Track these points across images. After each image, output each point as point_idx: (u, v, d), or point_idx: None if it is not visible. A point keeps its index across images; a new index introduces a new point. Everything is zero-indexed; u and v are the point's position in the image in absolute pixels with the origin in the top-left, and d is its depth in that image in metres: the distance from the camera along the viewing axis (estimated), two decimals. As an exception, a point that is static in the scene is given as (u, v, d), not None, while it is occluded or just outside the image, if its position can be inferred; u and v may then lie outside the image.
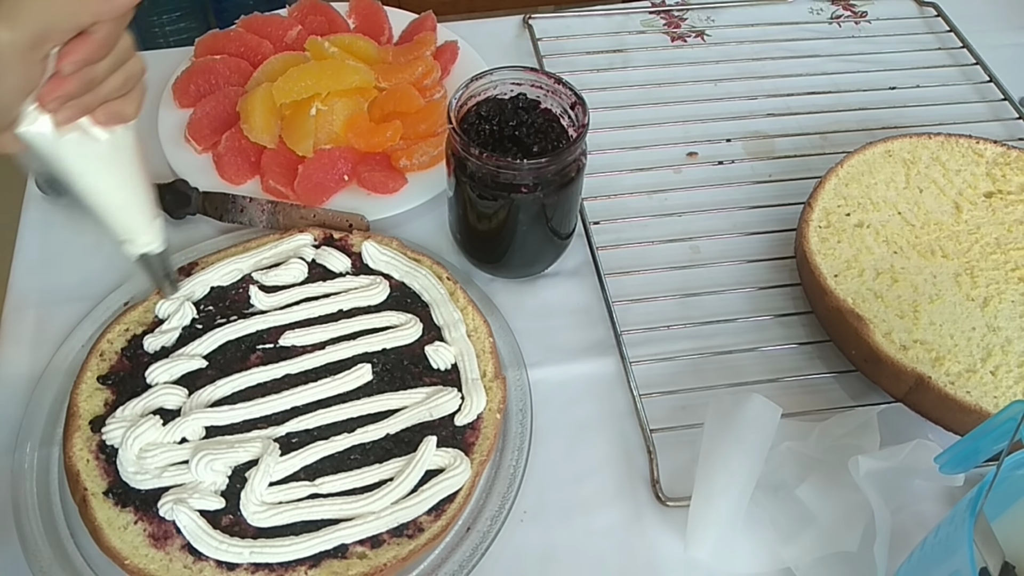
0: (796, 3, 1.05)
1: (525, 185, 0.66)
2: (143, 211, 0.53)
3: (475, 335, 0.68)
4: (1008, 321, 0.67)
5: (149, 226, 0.54)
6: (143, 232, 0.53)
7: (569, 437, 0.66)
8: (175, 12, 1.46)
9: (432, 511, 0.59)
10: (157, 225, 0.54)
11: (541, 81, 0.70)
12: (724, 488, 0.58)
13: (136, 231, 0.53)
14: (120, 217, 0.52)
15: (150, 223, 0.54)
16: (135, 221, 0.53)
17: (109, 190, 0.51)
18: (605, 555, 0.61)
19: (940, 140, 0.80)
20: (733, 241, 0.79)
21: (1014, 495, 0.48)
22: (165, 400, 0.62)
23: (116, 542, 0.56)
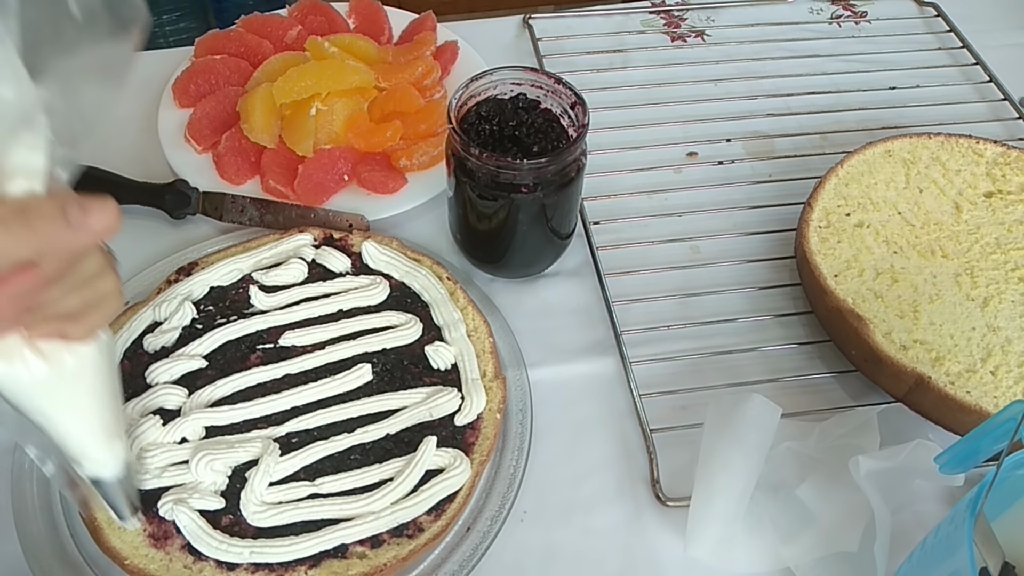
0: (796, 3, 1.05)
1: (525, 185, 0.66)
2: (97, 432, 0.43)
3: (475, 335, 0.68)
4: (1008, 321, 0.67)
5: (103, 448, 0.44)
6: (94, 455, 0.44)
7: (569, 437, 0.66)
8: (175, 12, 1.46)
9: (432, 511, 0.59)
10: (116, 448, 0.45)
11: (541, 81, 0.70)
12: (724, 488, 0.58)
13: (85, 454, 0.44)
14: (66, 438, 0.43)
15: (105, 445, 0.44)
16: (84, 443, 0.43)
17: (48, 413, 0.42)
18: (605, 555, 0.61)
19: (940, 140, 0.80)
20: (733, 241, 0.79)
21: (1014, 495, 0.48)
22: (165, 400, 0.62)
23: (116, 542, 0.56)
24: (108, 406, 0.43)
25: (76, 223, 0.38)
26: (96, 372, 0.42)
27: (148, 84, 0.88)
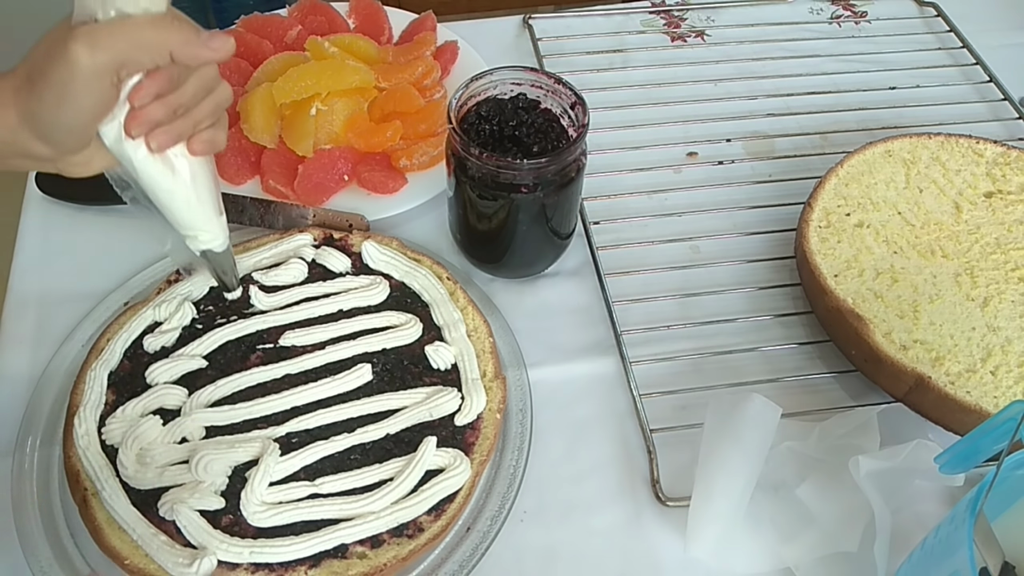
0: (796, 3, 1.05)
1: (525, 185, 0.66)
2: (209, 211, 0.55)
3: (475, 335, 0.68)
4: (1008, 321, 0.67)
5: (213, 224, 0.56)
6: (207, 230, 0.56)
7: (569, 437, 0.66)
8: (175, 12, 1.45)
9: (432, 511, 0.59)
10: (221, 223, 0.57)
11: (541, 81, 0.70)
12: (724, 488, 0.58)
13: (201, 228, 0.56)
14: (187, 217, 0.55)
15: (215, 222, 0.56)
16: (200, 220, 0.55)
17: (183, 199, 0.54)
18: (605, 555, 0.61)
19: (940, 140, 0.80)
20: (733, 241, 0.79)
21: (1014, 495, 0.48)
22: (165, 400, 0.62)
23: (116, 542, 0.56)
24: (216, 193, 0.55)
25: (205, 40, 0.48)
26: (209, 169, 0.54)
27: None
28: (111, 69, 0.46)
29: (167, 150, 0.52)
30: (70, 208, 0.79)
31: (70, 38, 0.44)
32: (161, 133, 0.50)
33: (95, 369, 0.64)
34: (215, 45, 0.49)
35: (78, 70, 0.44)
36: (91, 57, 0.45)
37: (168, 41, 0.47)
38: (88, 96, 0.46)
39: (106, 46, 0.45)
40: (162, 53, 0.47)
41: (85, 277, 0.74)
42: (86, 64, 0.44)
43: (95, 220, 0.79)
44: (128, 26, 0.46)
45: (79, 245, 0.77)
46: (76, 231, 0.78)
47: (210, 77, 0.52)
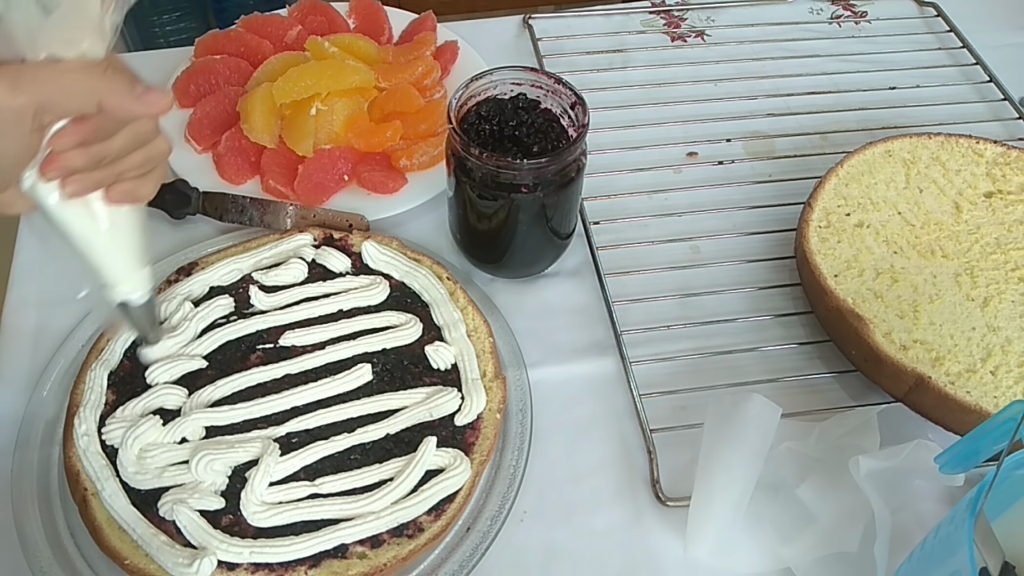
0: (796, 3, 1.05)
1: (525, 185, 0.66)
2: (128, 262, 0.52)
3: (475, 335, 0.68)
4: (1008, 321, 0.67)
5: (133, 276, 0.52)
6: (124, 281, 0.52)
7: (569, 437, 0.66)
8: (175, 12, 1.46)
9: (432, 511, 0.59)
10: (142, 276, 0.53)
11: (541, 81, 0.70)
12: (724, 488, 0.58)
13: (118, 280, 0.52)
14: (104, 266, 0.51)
15: (134, 274, 0.52)
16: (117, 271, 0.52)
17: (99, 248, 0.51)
18: (605, 555, 0.61)
19: (940, 140, 0.80)
20: (733, 241, 0.79)
21: (1014, 495, 0.48)
22: (165, 400, 0.62)
23: (116, 542, 0.56)
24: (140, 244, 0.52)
25: (139, 94, 0.46)
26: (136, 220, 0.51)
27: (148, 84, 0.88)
28: (31, 112, 0.43)
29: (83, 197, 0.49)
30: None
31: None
32: (76, 181, 0.47)
33: (95, 369, 0.64)
34: (149, 100, 0.46)
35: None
36: (11, 98, 0.42)
37: (97, 90, 0.44)
38: (8, 141, 0.44)
39: (28, 89, 0.42)
40: (89, 101, 0.44)
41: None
42: (5, 105, 0.42)
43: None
44: (55, 70, 0.43)
45: (79, 245, 0.77)
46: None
47: (146, 130, 0.48)
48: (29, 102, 0.43)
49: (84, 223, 0.49)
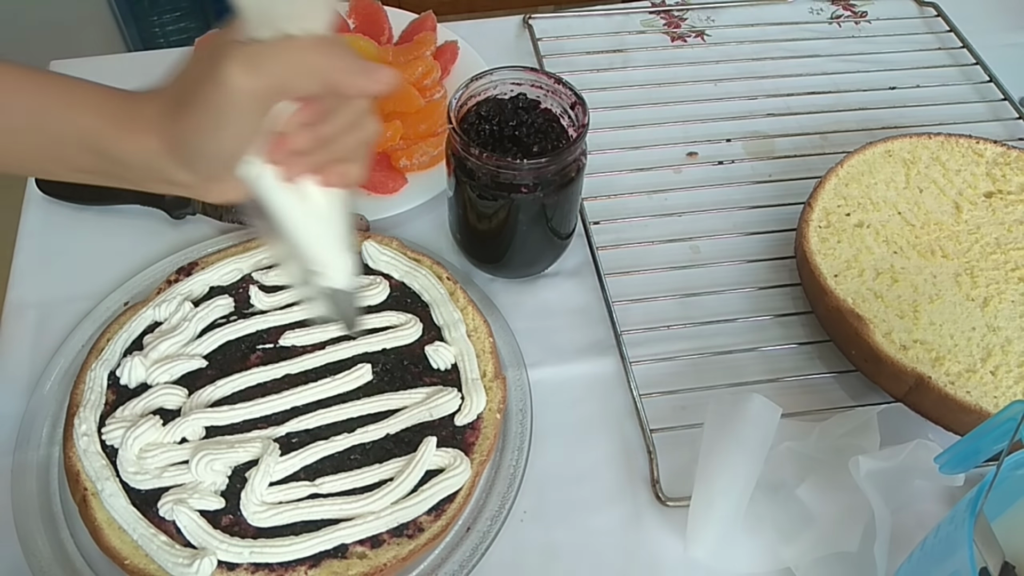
0: (796, 3, 1.05)
1: (525, 185, 0.66)
2: (338, 246, 0.52)
3: (475, 335, 0.68)
4: (1008, 321, 0.67)
5: (341, 261, 0.52)
6: (333, 265, 0.52)
7: (569, 437, 0.66)
8: (175, 12, 1.46)
9: (432, 511, 0.59)
10: (348, 261, 0.52)
11: (541, 81, 0.70)
12: (724, 488, 0.58)
13: (327, 264, 0.52)
14: (314, 250, 0.51)
15: (342, 258, 0.52)
16: (328, 255, 0.52)
17: (312, 233, 0.50)
18: (605, 555, 0.61)
19: (940, 140, 0.80)
20: (733, 241, 0.79)
21: (1014, 495, 0.48)
22: (165, 400, 0.62)
23: (116, 542, 0.56)
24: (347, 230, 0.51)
25: (368, 70, 0.43)
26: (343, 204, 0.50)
27: (148, 84, 0.88)
28: (270, 95, 0.41)
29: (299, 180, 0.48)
30: (70, 208, 0.79)
31: (226, 58, 0.40)
32: (297, 163, 0.46)
33: (95, 369, 0.64)
34: (379, 77, 0.44)
35: (235, 95, 0.40)
36: (250, 81, 0.40)
37: (332, 67, 0.42)
38: (243, 123, 0.42)
39: (267, 70, 0.40)
40: (322, 81, 0.42)
41: (85, 277, 0.74)
42: (245, 88, 0.40)
43: (95, 220, 0.79)
44: (291, 48, 0.41)
45: (79, 245, 0.77)
46: (76, 231, 0.78)
47: (361, 111, 0.47)
48: (267, 84, 0.41)
49: (297, 207, 0.48)
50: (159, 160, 0.44)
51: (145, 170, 0.45)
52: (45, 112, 0.44)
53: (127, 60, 1.02)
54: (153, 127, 0.43)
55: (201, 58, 0.42)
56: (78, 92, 0.44)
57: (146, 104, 0.44)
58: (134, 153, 0.44)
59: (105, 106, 0.44)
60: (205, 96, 0.41)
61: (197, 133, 0.42)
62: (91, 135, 0.44)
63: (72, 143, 0.44)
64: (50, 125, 0.44)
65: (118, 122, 0.44)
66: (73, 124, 0.44)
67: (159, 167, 0.44)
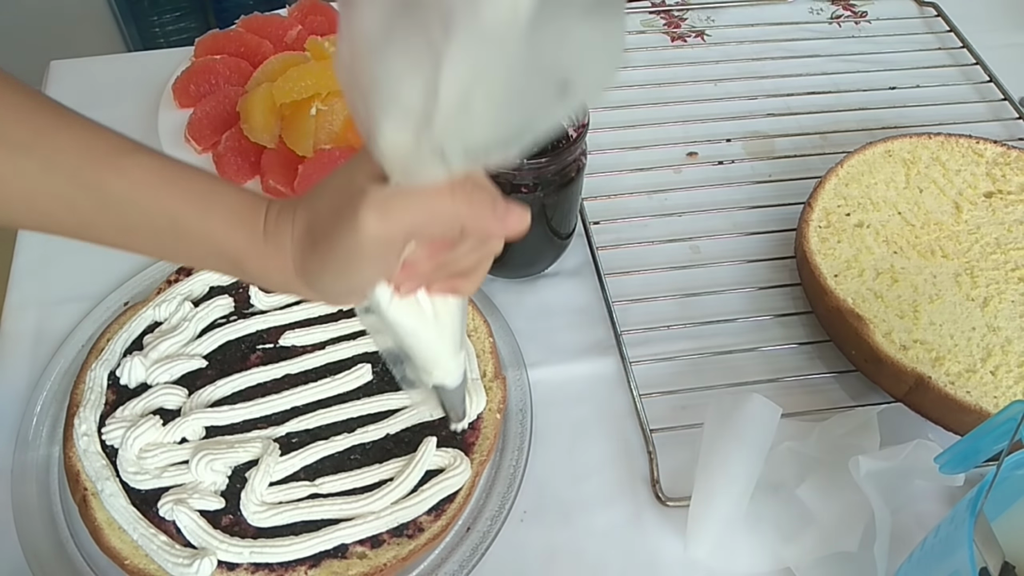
0: (796, 3, 1.05)
1: (525, 185, 0.66)
2: (449, 350, 0.52)
3: (475, 335, 0.68)
4: (1008, 321, 0.67)
5: (451, 362, 0.52)
6: (442, 367, 0.52)
7: (569, 437, 0.66)
8: (175, 12, 1.46)
9: (432, 511, 0.59)
10: (459, 361, 0.53)
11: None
12: (724, 488, 0.58)
13: (437, 366, 0.52)
14: (425, 355, 0.51)
15: (452, 360, 0.52)
16: (438, 358, 0.52)
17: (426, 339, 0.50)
18: (605, 555, 0.61)
19: (940, 140, 0.80)
20: (733, 241, 0.79)
21: (1014, 495, 0.48)
22: (165, 400, 0.62)
23: (116, 542, 0.56)
24: (460, 333, 0.51)
25: (500, 215, 0.43)
26: (460, 313, 0.50)
27: (148, 84, 0.88)
28: (401, 241, 0.41)
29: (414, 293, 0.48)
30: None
31: (361, 205, 0.39)
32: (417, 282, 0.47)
33: (95, 369, 0.64)
34: (511, 223, 0.44)
35: (367, 241, 0.40)
36: (383, 228, 0.40)
37: (462, 215, 0.42)
38: (374, 267, 0.42)
39: (398, 218, 0.40)
40: (455, 226, 0.42)
41: (85, 277, 0.74)
42: (376, 235, 0.40)
43: (95, 220, 0.79)
44: (424, 196, 0.40)
45: (79, 245, 0.76)
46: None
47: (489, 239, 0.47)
48: (399, 231, 0.41)
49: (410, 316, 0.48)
50: (291, 283, 0.45)
51: (276, 286, 0.46)
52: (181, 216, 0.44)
53: (127, 60, 1.02)
54: (289, 255, 0.44)
55: (341, 196, 0.42)
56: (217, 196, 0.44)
57: (284, 228, 0.44)
58: (270, 274, 0.45)
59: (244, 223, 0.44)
60: (340, 239, 0.41)
61: (329, 273, 0.43)
62: (228, 249, 0.44)
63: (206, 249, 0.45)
64: (185, 229, 0.44)
65: (255, 244, 0.44)
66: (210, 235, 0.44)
67: (290, 287, 0.45)
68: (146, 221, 0.44)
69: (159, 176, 0.43)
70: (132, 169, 0.43)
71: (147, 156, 0.44)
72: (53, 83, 0.91)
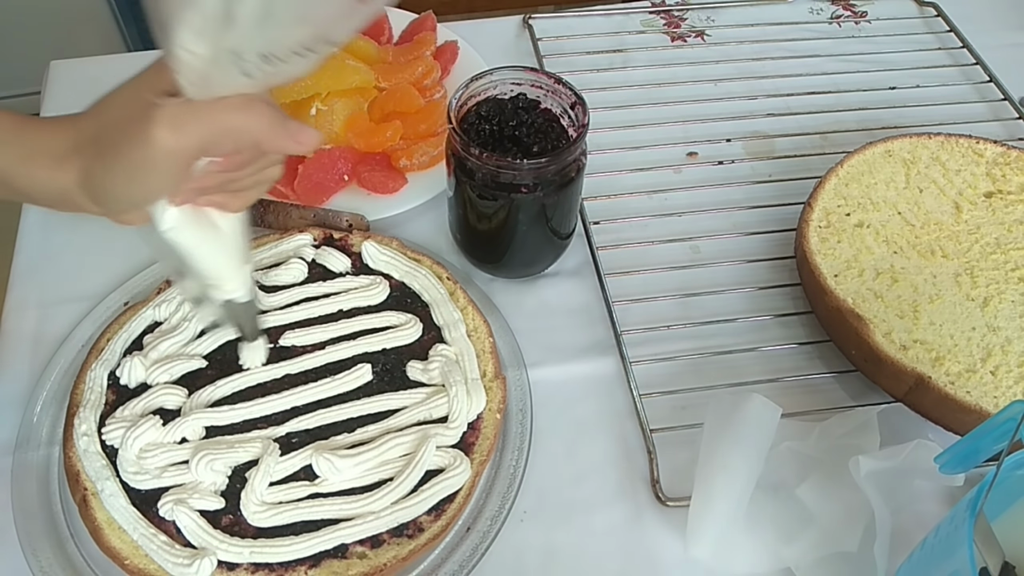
0: (796, 3, 1.05)
1: (525, 185, 0.66)
2: (234, 262, 0.53)
3: (475, 335, 0.68)
4: (1008, 321, 0.67)
5: (237, 275, 0.53)
6: (230, 279, 0.53)
7: (569, 437, 0.66)
8: (175, 12, 1.45)
9: (432, 511, 0.59)
10: (244, 273, 0.54)
11: (541, 81, 0.70)
12: (724, 488, 0.58)
13: (225, 279, 0.53)
14: (210, 267, 0.52)
15: (239, 272, 0.53)
16: (224, 271, 0.53)
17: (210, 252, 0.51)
18: (605, 555, 0.61)
19: (940, 140, 0.80)
20: (733, 241, 0.79)
21: (1014, 495, 0.48)
22: (165, 400, 0.62)
23: (116, 542, 0.56)
24: (243, 244, 0.53)
25: (292, 131, 0.44)
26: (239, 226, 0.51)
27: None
28: (193, 155, 0.42)
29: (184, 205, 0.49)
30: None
31: (153, 119, 0.40)
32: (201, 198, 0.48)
33: (95, 369, 0.64)
34: (301, 138, 0.45)
35: (159, 153, 0.41)
36: (175, 141, 0.41)
37: (255, 129, 0.43)
38: (163, 178, 0.43)
39: (191, 131, 0.41)
40: (247, 140, 0.44)
41: (85, 277, 0.74)
42: (169, 148, 0.41)
43: (95, 220, 0.77)
44: (216, 110, 0.41)
45: (79, 245, 0.77)
46: (76, 231, 0.78)
47: (274, 160, 0.48)
48: (191, 144, 0.41)
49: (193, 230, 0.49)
50: (71, 194, 0.45)
51: (54, 200, 0.46)
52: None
53: (127, 60, 1.02)
54: (69, 163, 0.44)
55: (128, 103, 0.42)
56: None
57: (60, 138, 0.44)
58: (41, 186, 0.45)
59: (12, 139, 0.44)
60: (129, 149, 0.41)
61: (115, 182, 0.43)
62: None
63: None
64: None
65: (25, 157, 0.44)
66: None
67: (71, 199, 0.45)
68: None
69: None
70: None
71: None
72: (53, 83, 0.91)
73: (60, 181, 0.44)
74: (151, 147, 0.40)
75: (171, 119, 0.40)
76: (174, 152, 0.41)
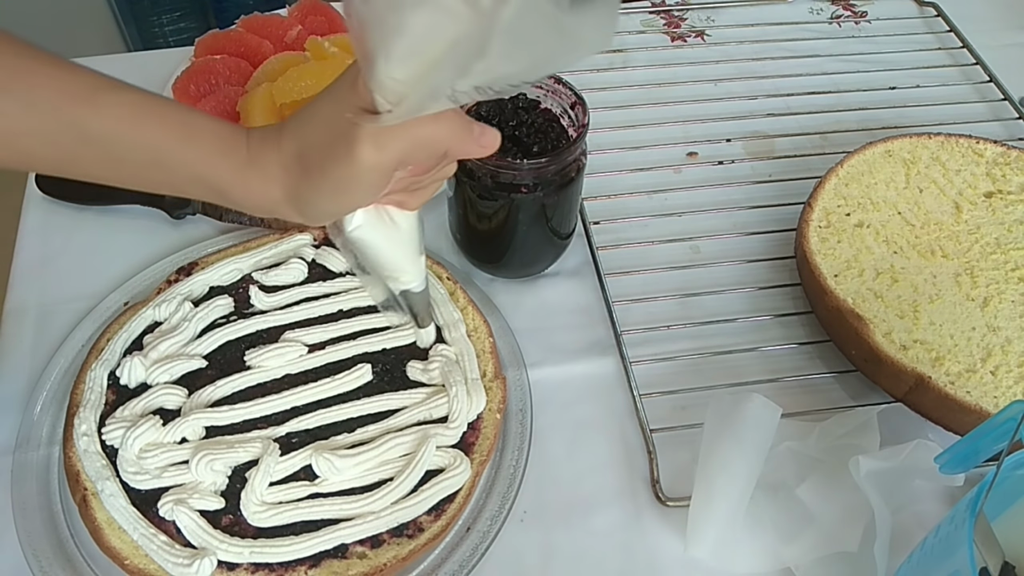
0: (796, 3, 1.05)
1: (525, 185, 0.66)
2: (410, 256, 0.54)
3: (475, 335, 0.68)
4: (1008, 321, 0.67)
5: (414, 266, 0.55)
6: (406, 272, 0.55)
7: (569, 437, 0.66)
8: (175, 12, 1.46)
9: (432, 511, 0.59)
10: (421, 265, 0.56)
11: (541, 81, 0.70)
12: (724, 488, 0.58)
13: (403, 271, 0.55)
14: (389, 262, 0.54)
15: (415, 264, 0.55)
16: (403, 264, 0.55)
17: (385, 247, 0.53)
18: (605, 555, 0.61)
19: (940, 140, 0.80)
20: (733, 241, 0.79)
21: (1014, 495, 0.48)
22: (165, 400, 0.62)
23: (116, 542, 0.56)
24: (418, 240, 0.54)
25: (477, 137, 0.47)
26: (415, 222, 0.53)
27: (148, 84, 0.87)
28: (393, 168, 0.45)
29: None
30: (70, 208, 0.79)
31: (356, 139, 0.43)
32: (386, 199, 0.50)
33: (95, 369, 0.64)
34: (485, 143, 0.48)
35: (362, 170, 0.43)
36: (377, 158, 0.43)
37: (447, 137, 0.46)
38: (366, 192, 0.46)
39: (392, 147, 0.43)
40: (440, 149, 0.46)
41: (85, 277, 0.74)
42: (372, 164, 0.43)
43: (95, 220, 0.79)
44: (414, 126, 0.43)
45: (79, 245, 0.77)
46: (76, 231, 0.78)
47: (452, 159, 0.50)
48: (392, 160, 0.44)
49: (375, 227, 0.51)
50: (278, 207, 0.47)
51: (259, 210, 0.48)
52: (164, 149, 0.46)
53: (127, 60, 1.02)
54: (277, 179, 0.46)
55: (328, 122, 0.44)
56: (196, 127, 0.46)
57: (269, 155, 0.46)
58: (254, 200, 0.47)
59: (227, 151, 0.46)
60: (334, 168, 0.44)
61: (320, 197, 0.46)
62: (211, 177, 0.46)
63: (189, 179, 0.47)
64: (168, 161, 0.46)
65: (239, 171, 0.46)
66: (192, 165, 0.46)
67: (276, 211, 0.48)
68: (129, 154, 0.46)
69: (138, 110, 0.45)
70: (110, 105, 0.45)
71: (125, 92, 0.46)
72: (53, 83, 0.91)
73: (271, 195, 0.47)
74: (356, 166, 0.43)
75: (373, 137, 0.43)
76: (377, 168, 0.43)
